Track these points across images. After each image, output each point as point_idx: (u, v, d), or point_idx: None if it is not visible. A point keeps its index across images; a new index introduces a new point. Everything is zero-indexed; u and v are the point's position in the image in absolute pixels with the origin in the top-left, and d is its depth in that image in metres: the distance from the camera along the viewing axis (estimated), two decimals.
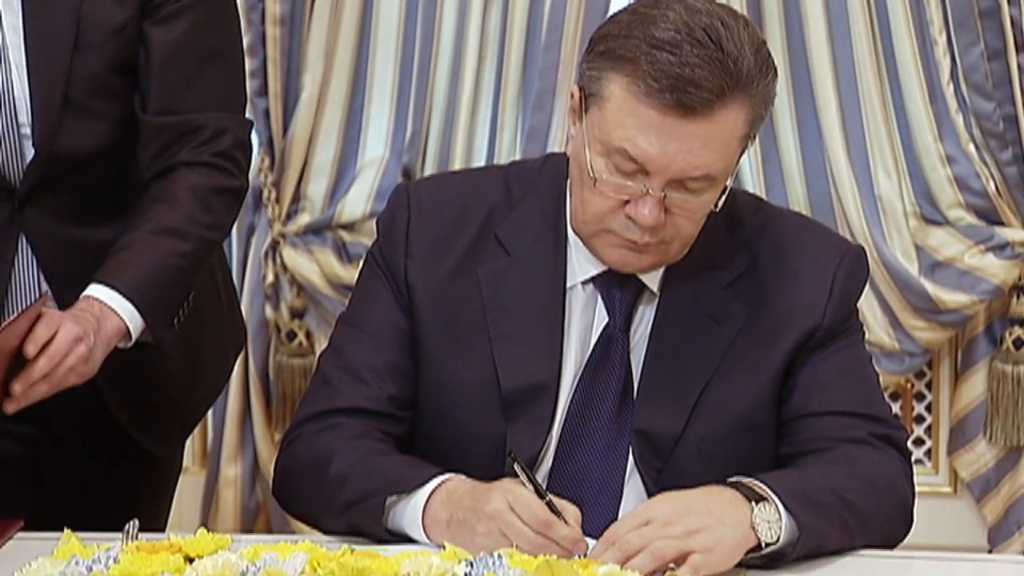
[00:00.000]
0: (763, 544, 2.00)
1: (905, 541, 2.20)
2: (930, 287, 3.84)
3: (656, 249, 2.14)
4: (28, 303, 2.43)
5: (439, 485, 2.09)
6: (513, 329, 2.21)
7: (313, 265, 3.92)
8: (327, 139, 3.92)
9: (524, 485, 2.02)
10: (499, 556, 1.88)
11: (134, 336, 2.34)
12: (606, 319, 2.22)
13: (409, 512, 2.09)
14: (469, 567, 1.87)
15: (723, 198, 2.13)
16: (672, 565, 1.95)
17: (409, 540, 2.09)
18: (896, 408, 4.06)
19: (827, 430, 2.20)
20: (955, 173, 3.83)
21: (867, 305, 3.87)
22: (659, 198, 2.08)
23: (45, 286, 2.45)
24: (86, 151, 2.40)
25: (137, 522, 2.07)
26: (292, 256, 3.93)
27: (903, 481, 2.20)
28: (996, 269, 3.84)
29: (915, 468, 4.15)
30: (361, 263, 2.35)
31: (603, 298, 2.22)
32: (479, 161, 3.89)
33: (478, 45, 3.85)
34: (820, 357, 2.22)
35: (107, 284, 2.31)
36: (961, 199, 3.84)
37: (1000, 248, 3.84)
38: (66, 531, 2.03)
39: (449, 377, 2.23)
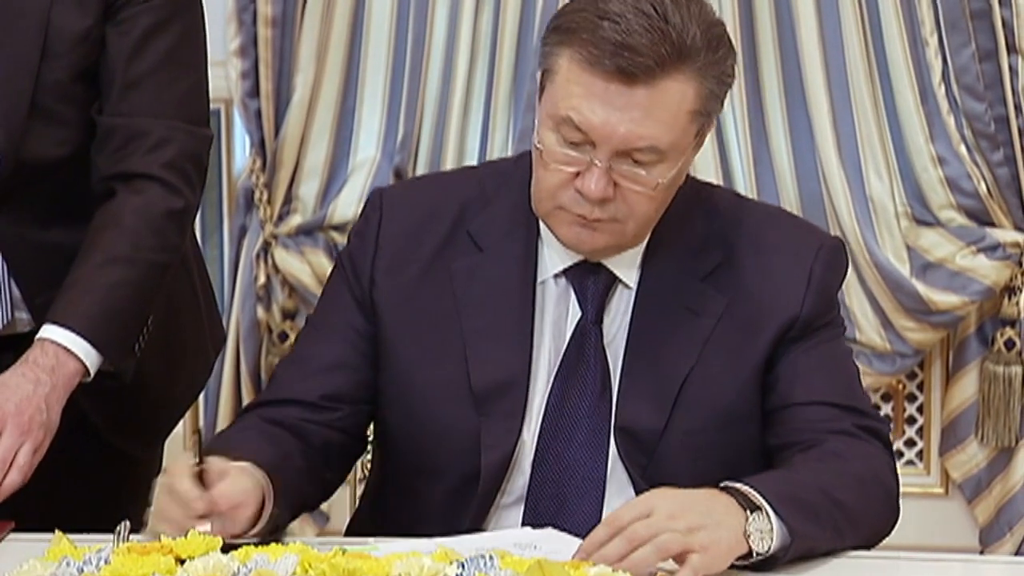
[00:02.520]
0: (754, 554, 2.00)
1: (896, 542, 2.20)
2: (921, 288, 3.85)
3: (610, 227, 2.14)
4: (4, 311, 2.44)
5: None
6: (484, 325, 2.22)
7: (305, 266, 3.92)
8: (319, 140, 3.92)
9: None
10: (491, 557, 1.88)
11: (92, 372, 2.33)
12: (580, 313, 2.22)
13: None
14: (460, 568, 1.87)
15: (673, 171, 2.12)
16: (664, 565, 1.95)
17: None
18: (887, 409, 4.07)
19: (812, 420, 2.20)
20: (946, 174, 3.83)
21: (858, 306, 3.88)
22: (605, 169, 2.08)
23: (16, 291, 2.45)
24: (53, 158, 2.40)
25: (128, 523, 2.07)
26: (284, 257, 3.93)
27: (888, 474, 2.20)
28: (987, 270, 3.84)
29: (907, 469, 4.17)
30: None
31: (575, 291, 2.22)
32: (471, 162, 3.89)
33: (470, 46, 3.85)
34: (801, 349, 2.22)
35: (60, 324, 2.30)
36: (952, 200, 3.84)
37: (991, 249, 3.85)
38: (57, 532, 2.02)
39: (421, 374, 2.23)
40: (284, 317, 3.98)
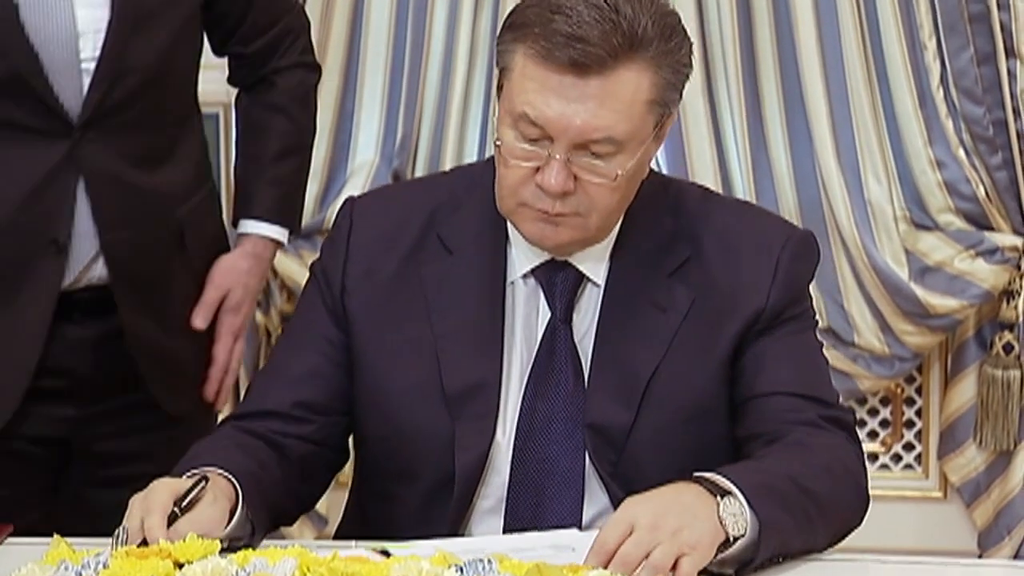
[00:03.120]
0: (731, 538, 1.99)
1: (895, 545, 2.20)
2: (920, 292, 3.85)
3: (573, 222, 2.14)
4: (87, 249, 2.56)
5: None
6: (455, 327, 2.22)
7: (303, 270, 3.91)
8: (317, 143, 3.85)
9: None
10: (489, 561, 1.88)
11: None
12: (549, 312, 2.23)
13: None
14: (459, 572, 1.87)
15: (632, 162, 2.12)
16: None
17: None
18: (886, 413, 4.07)
19: (776, 411, 2.19)
20: (945, 178, 3.83)
21: (857, 309, 3.88)
22: (563, 162, 2.09)
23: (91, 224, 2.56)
24: (145, 68, 2.55)
25: (127, 526, 2.07)
26: (282, 260, 3.93)
27: (855, 463, 2.20)
28: (986, 274, 3.85)
29: (905, 473, 4.16)
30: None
31: (543, 290, 2.23)
32: None
33: (469, 48, 3.85)
34: (767, 340, 2.22)
35: (267, 219, 2.78)
36: (951, 204, 3.85)
37: (990, 253, 3.85)
38: (55, 536, 2.02)
39: (394, 378, 2.24)
40: (282, 320, 3.98)
